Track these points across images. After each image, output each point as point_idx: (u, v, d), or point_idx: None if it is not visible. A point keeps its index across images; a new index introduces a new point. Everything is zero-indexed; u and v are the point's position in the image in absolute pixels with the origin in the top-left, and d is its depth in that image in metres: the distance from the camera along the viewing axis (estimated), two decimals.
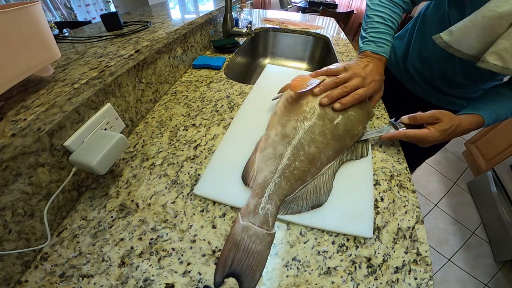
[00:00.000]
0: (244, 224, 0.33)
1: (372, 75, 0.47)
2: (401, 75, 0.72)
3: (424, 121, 0.44)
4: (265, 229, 0.33)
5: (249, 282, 0.29)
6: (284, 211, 0.36)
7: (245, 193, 0.38)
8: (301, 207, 0.36)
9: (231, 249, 0.32)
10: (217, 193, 0.38)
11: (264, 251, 0.32)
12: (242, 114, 0.54)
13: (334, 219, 0.35)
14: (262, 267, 0.31)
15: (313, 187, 0.38)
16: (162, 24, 0.62)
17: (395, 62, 0.72)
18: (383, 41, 0.51)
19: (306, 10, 3.80)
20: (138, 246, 0.32)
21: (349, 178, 0.41)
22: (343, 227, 0.34)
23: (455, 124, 0.44)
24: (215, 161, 0.43)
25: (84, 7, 2.74)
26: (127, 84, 0.47)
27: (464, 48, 0.43)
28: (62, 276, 0.29)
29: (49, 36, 0.30)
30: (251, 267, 0.30)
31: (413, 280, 0.30)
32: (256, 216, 0.34)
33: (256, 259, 0.31)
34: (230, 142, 0.47)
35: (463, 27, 0.41)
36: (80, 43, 0.48)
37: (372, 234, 0.34)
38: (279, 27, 1.16)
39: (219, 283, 0.29)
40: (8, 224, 0.27)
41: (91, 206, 0.36)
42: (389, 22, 0.52)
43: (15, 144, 0.25)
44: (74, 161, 0.33)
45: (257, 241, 0.32)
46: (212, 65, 0.75)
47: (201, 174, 0.42)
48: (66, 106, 0.31)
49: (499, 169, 1.41)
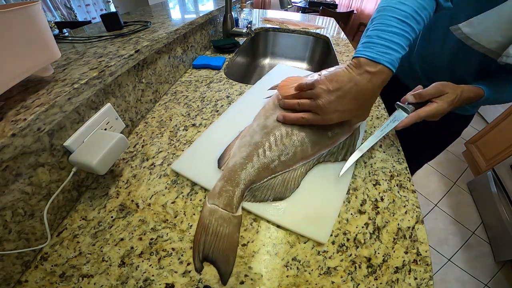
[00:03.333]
0: (211, 207, 0.35)
1: (341, 103, 0.36)
2: (404, 74, 0.69)
3: (430, 96, 0.42)
4: (230, 212, 0.34)
5: (225, 266, 0.30)
6: (249, 198, 0.37)
7: (218, 176, 0.39)
8: (264, 196, 0.37)
9: (201, 233, 0.33)
10: (192, 173, 0.40)
11: (233, 234, 0.33)
12: (237, 106, 0.57)
13: (294, 218, 0.35)
14: (235, 251, 0.32)
15: (281, 180, 0.39)
16: (162, 24, 0.62)
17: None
18: (391, 44, 0.35)
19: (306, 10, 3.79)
20: (138, 246, 0.32)
21: (322, 180, 0.40)
22: (300, 227, 0.34)
23: (459, 92, 0.43)
24: (199, 142, 0.46)
25: (84, 7, 2.74)
26: (127, 84, 0.47)
27: (484, 41, 0.41)
28: (62, 276, 0.29)
29: (49, 36, 0.30)
30: (223, 251, 0.31)
31: (413, 280, 0.30)
32: (221, 198, 0.35)
33: (226, 243, 0.32)
34: (218, 128, 0.49)
35: (486, 20, 0.39)
36: (80, 43, 0.48)
37: (326, 241, 0.33)
38: (279, 27, 1.16)
39: (199, 268, 0.30)
40: (8, 224, 0.27)
41: (91, 206, 0.36)
42: (409, 19, 0.36)
43: (15, 144, 0.25)
44: (74, 161, 0.33)
45: (224, 224, 0.33)
46: (212, 65, 0.75)
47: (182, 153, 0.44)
48: (66, 106, 0.31)
49: (499, 169, 1.40)
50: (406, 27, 0.36)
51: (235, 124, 0.49)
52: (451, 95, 0.42)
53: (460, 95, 0.43)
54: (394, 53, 0.35)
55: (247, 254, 0.32)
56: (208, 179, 0.39)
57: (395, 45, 0.35)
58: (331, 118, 0.39)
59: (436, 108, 0.42)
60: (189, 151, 0.44)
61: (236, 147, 0.43)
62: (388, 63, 0.35)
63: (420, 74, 0.63)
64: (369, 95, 0.36)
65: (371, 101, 0.38)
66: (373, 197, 0.40)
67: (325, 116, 0.39)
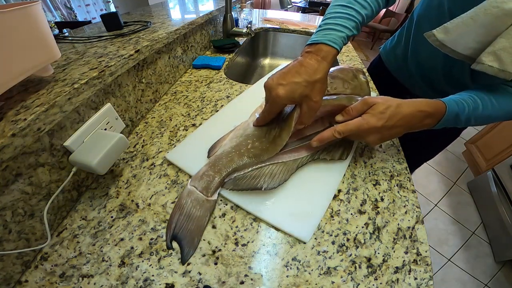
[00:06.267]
0: (190, 188, 0.36)
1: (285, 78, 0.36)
2: (402, 77, 0.68)
3: (357, 111, 0.39)
4: (205, 195, 0.36)
5: (189, 247, 0.32)
6: (231, 185, 0.37)
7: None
8: (246, 186, 0.37)
9: (177, 212, 0.35)
10: (184, 163, 0.42)
11: (203, 217, 0.34)
12: (235, 103, 0.58)
13: (278, 213, 0.35)
14: (200, 234, 0.33)
15: (269, 171, 0.38)
16: (162, 24, 0.62)
17: (394, 61, 0.68)
18: (333, 26, 0.39)
19: (306, 10, 3.80)
20: (138, 246, 0.32)
21: (312, 177, 0.40)
22: (283, 224, 0.34)
23: (392, 105, 0.37)
24: (194, 135, 0.47)
25: (84, 7, 2.74)
26: (127, 84, 0.47)
27: (460, 48, 0.38)
28: (62, 276, 0.29)
29: (49, 36, 0.30)
30: (190, 232, 0.33)
31: (413, 280, 0.30)
32: (201, 181, 0.37)
33: (195, 224, 0.33)
34: (214, 123, 0.51)
35: (462, 25, 0.36)
36: (80, 43, 0.48)
37: (308, 240, 0.33)
38: (279, 27, 1.16)
39: (168, 246, 0.32)
40: (8, 224, 0.27)
41: (91, 206, 0.36)
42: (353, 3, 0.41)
43: (15, 144, 0.25)
44: (74, 161, 0.33)
45: (197, 206, 0.35)
46: (212, 65, 0.75)
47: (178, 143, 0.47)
48: (66, 106, 0.31)
49: (499, 169, 1.41)
50: (350, 10, 0.41)
51: (232, 119, 0.50)
52: (378, 106, 0.37)
53: (396, 107, 0.37)
54: (336, 32, 0.39)
55: (247, 254, 0.32)
56: (197, 169, 0.39)
57: (337, 26, 0.39)
58: (276, 93, 0.36)
59: (359, 123, 0.37)
60: (184, 143, 0.46)
61: (228, 139, 0.44)
62: (327, 40, 0.38)
63: (417, 77, 0.62)
64: (310, 68, 0.36)
65: (315, 75, 0.36)
66: (373, 197, 0.40)
67: (272, 92, 0.37)
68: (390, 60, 0.70)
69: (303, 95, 0.36)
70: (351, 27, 0.40)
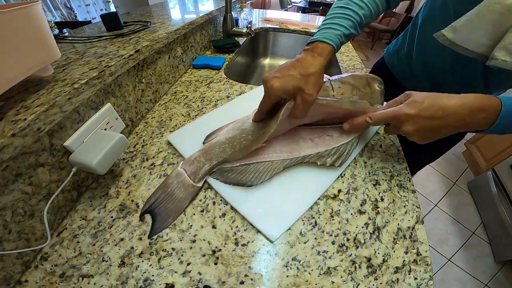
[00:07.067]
0: (179, 170, 0.38)
1: (281, 71, 0.37)
2: (406, 79, 0.67)
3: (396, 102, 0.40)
4: (192, 180, 0.37)
5: (161, 222, 0.34)
6: (217, 176, 0.39)
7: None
8: (232, 179, 0.38)
9: (161, 189, 0.37)
10: (182, 146, 0.44)
11: (183, 200, 0.36)
12: (242, 98, 0.60)
13: (254, 208, 0.36)
14: (177, 215, 0.35)
15: (254, 169, 0.40)
16: (162, 24, 0.62)
17: (398, 63, 0.67)
18: (331, 25, 0.41)
19: (306, 10, 3.80)
20: (138, 246, 0.32)
21: (297, 180, 0.40)
22: (256, 219, 0.35)
23: (432, 96, 0.36)
24: (196, 122, 0.51)
25: (84, 7, 2.74)
26: (127, 84, 0.47)
27: (472, 46, 0.39)
28: (62, 276, 0.29)
29: (49, 36, 0.30)
30: (168, 210, 0.35)
31: (413, 280, 0.30)
32: (191, 166, 0.39)
33: (174, 205, 0.35)
34: (219, 113, 0.54)
35: (468, 23, 0.37)
36: (80, 43, 0.48)
37: (275, 239, 0.33)
38: (279, 27, 1.16)
39: (141, 218, 0.34)
40: (8, 224, 0.27)
41: (91, 206, 0.36)
42: (351, 5, 0.43)
43: (15, 144, 0.25)
44: (74, 161, 0.33)
45: (181, 188, 0.37)
46: (212, 65, 0.75)
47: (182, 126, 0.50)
48: (66, 106, 0.31)
49: (499, 169, 1.41)
50: (347, 11, 0.43)
51: (234, 112, 0.52)
52: (417, 96, 0.37)
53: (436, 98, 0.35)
54: (332, 30, 0.41)
55: (247, 254, 0.32)
56: (192, 153, 0.41)
57: (333, 25, 0.42)
58: (271, 84, 0.37)
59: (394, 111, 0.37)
60: (186, 128, 0.49)
61: (226, 130, 0.45)
62: (323, 38, 0.40)
63: (423, 78, 0.61)
64: (306, 63, 0.38)
65: (309, 69, 0.37)
66: (373, 197, 0.40)
67: (267, 84, 0.37)
68: (394, 63, 0.70)
69: (297, 87, 0.36)
70: (347, 25, 0.42)
